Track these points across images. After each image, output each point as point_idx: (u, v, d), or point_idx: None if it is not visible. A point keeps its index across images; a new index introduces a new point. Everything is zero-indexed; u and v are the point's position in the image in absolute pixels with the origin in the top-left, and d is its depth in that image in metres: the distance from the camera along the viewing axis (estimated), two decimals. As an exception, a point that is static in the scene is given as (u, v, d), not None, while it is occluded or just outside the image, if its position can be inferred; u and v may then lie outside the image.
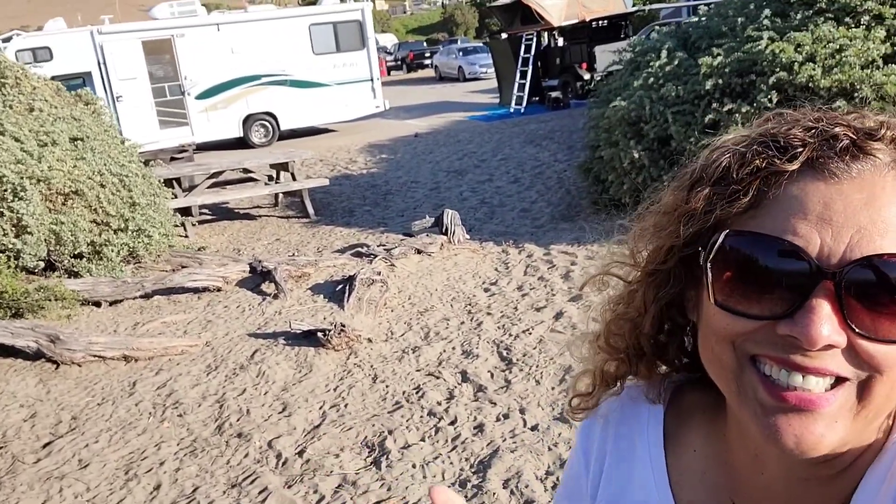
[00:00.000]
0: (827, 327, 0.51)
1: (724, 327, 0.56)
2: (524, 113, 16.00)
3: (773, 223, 0.54)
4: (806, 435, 0.53)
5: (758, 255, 0.55)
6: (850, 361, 0.53)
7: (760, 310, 0.54)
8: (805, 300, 0.52)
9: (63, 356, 4.86)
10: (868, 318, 0.52)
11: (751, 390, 0.55)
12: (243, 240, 8.51)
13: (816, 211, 0.53)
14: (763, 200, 0.56)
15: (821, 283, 0.51)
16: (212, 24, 15.38)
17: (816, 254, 0.52)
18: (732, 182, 0.57)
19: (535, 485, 3.25)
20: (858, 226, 0.52)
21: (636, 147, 6.60)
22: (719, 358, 0.58)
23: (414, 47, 40.51)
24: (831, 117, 0.59)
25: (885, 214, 0.52)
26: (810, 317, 0.51)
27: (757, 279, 0.54)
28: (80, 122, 7.48)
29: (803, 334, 0.51)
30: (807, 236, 0.52)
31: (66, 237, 6.12)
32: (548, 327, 4.98)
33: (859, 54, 5.63)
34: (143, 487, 3.55)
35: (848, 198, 0.53)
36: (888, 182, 0.54)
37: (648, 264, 0.65)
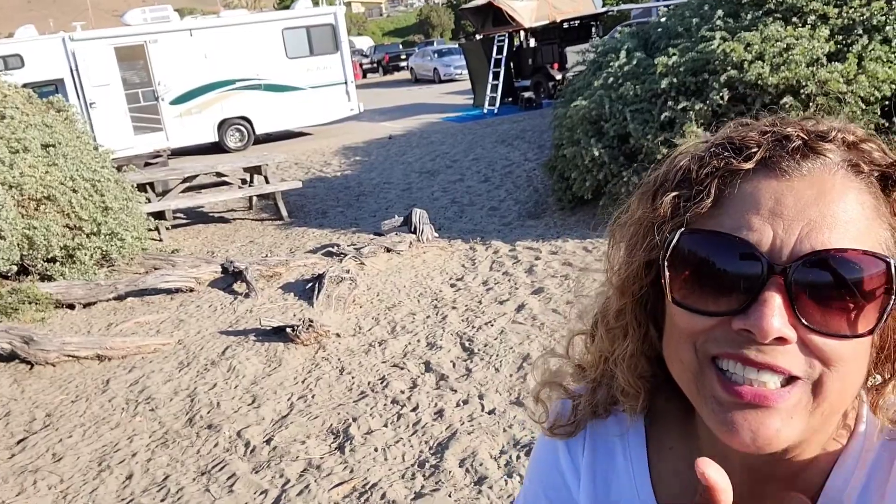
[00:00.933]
0: (778, 320, 0.52)
1: (684, 326, 0.58)
2: (497, 113, 16.22)
3: (730, 220, 0.56)
4: (762, 430, 0.54)
5: (712, 252, 0.56)
6: (803, 358, 0.54)
7: (716, 306, 0.55)
8: (758, 294, 0.53)
9: (37, 357, 4.98)
10: (818, 313, 0.53)
11: (709, 388, 0.56)
12: (217, 242, 8.62)
13: (769, 206, 0.55)
14: (723, 199, 0.57)
15: (772, 278, 0.53)
16: (185, 30, 15.44)
17: (768, 248, 0.54)
18: (694, 183, 0.59)
19: (489, 463, 3.43)
20: (808, 219, 0.54)
21: (597, 145, 6.82)
22: (681, 358, 0.59)
23: (389, 49, 40.64)
24: (786, 122, 0.61)
25: (834, 209, 0.54)
26: (762, 310, 0.52)
27: (712, 276, 0.56)
28: (52, 129, 7.57)
29: (755, 326, 0.52)
30: (759, 230, 0.54)
31: (39, 241, 6.22)
32: (510, 319, 5.18)
33: (805, 53, 5.89)
34: (116, 477, 3.68)
35: (798, 193, 0.55)
36: (837, 180, 0.56)
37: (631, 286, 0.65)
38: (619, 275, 0.67)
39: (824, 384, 0.54)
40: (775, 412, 0.54)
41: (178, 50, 15.08)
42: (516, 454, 3.48)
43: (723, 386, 0.55)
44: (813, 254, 0.53)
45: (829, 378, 0.54)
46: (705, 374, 0.57)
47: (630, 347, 0.68)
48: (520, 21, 15.91)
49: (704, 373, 0.57)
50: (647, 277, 0.64)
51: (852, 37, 6.02)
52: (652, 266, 0.62)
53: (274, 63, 15.88)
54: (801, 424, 0.55)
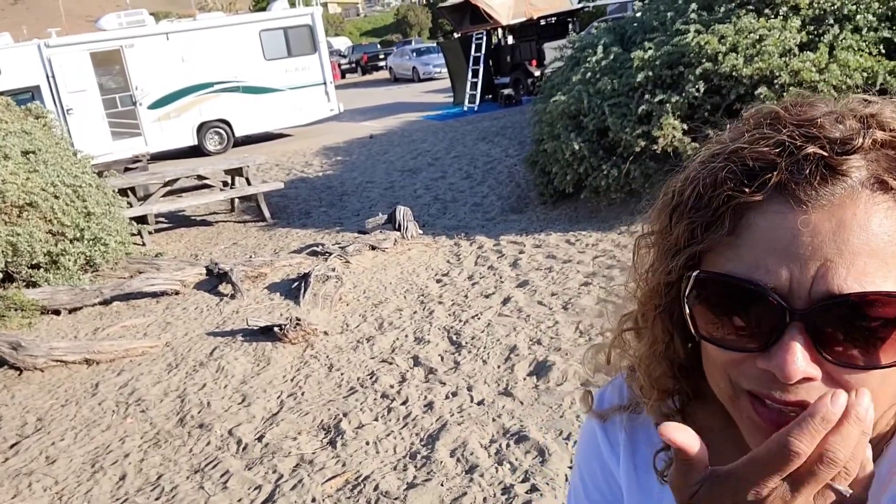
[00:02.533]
0: (801, 362, 0.51)
1: (715, 356, 0.58)
2: (477, 111, 16.31)
3: (747, 255, 0.54)
4: None
5: (730, 294, 0.55)
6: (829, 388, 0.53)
7: (741, 343, 0.55)
8: (779, 337, 0.52)
9: (25, 362, 4.97)
10: (841, 349, 0.52)
11: (745, 411, 0.56)
12: (200, 245, 8.62)
13: (784, 244, 0.53)
14: (739, 228, 0.55)
15: (791, 323, 0.52)
16: (161, 34, 15.36)
17: (786, 291, 0.52)
18: (708, 210, 0.57)
19: (480, 452, 3.50)
20: (825, 258, 0.51)
21: (576, 139, 6.91)
22: (717, 383, 0.59)
23: (368, 49, 40.58)
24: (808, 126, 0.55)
25: (854, 242, 0.51)
26: (783, 355, 0.52)
27: (732, 316, 0.55)
28: (32, 136, 7.53)
29: (779, 370, 0.52)
30: (775, 272, 0.52)
31: (22, 248, 6.20)
32: (496, 312, 5.25)
33: (777, 43, 6.01)
34: (110, 478, 3.70)
35: (816, 228, 0.52)
36: (859, 206, 0.52)
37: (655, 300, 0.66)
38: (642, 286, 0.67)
39: None
40: None
41: (155, 54, 15.01)
42: (506, 442, 3.55)
43: (757, 412, 0.55)
44: (828, 298, 0.51)
45: None
46: (740, 400, 0.57)
47: (647, 351, 0.68)
48: (497, 18, 16.00)
49: (740, 398, 0.57)
50: (667, 296, 0.63)
51: (823, 26, 6.15)
52: (672, 286, 0.62)
53: (252, 65, 15.84)
54: None
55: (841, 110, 0.56)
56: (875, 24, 5.93)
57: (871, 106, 0.57)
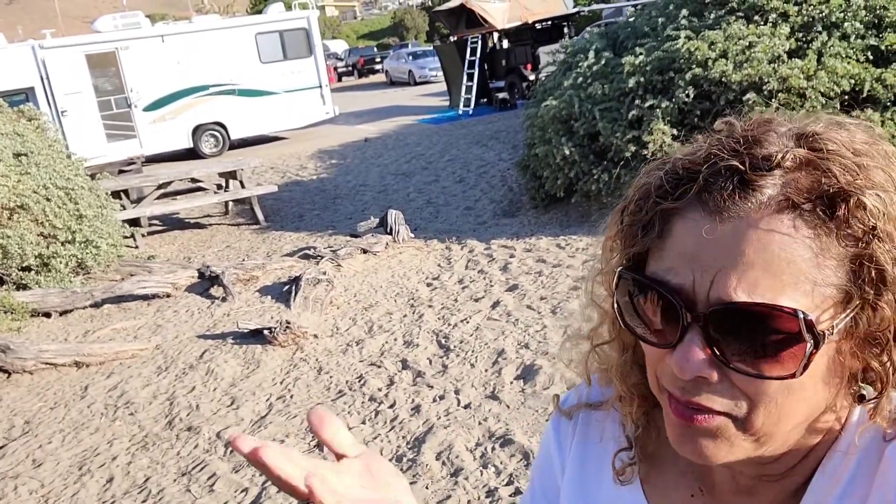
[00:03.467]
0: (696, 362, 0.55)
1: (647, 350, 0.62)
2: (472, 114, 16.33)
3: (667, 258, 0.58)
4: (698, 448, 0.58)
5: (646, 293, 0.59)
6: (728, 395, 0.56)
7: (656, 339, 0.59)
8: (682, 336, 0.56)
9: (14, 365, 4.98)
10: (738, 355, 0.55)
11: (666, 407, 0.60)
12: (194, 248, 8.63)
13: (691, 250, 0.56)
14: (664, 232, 0.59)
15: (691, 322, 0.55)
16: (156, 36, 15.37)
17: (690, 293, 0.56)
18: (644, 214, 0.61)
19: (465, 455, 3.52)
20: (722, 265, 0.54)
21: (567, 144, 6.94)
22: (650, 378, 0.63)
23: (364, 52, 40.61)
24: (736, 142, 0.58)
25: (749, 255, 0.53)
26: (681, 352, 0.56)
27: (646, 314, 0.59)
28: (24, 138, 7.54)
29: (675, 366, 0.56)
30: (682, 275, 0.56)
31: (13, 250, 6.20)
32: (485, 316, 5.27)
33: (766, 50, 6.05)
34: (97, 481, 3.72)
35: (720, 238, 0.55)
36: (762, 222, 0.54)
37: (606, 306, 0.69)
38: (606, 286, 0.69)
39: (751, 419, 0.56)
40: (704, 433, 0.57)
41: (151, 56, 15.01)
42: (491, 446, 3.57)
43: (671, 405, 0.59)
44: (720, 304, 0.54)
45: (756, 413, 0.56)
46: (663, 397, 0.61)
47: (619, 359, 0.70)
48: (492, 23, 16.04)
49: (662, 394, 0.61)
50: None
51: (812, 34, 6.19)
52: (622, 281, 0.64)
53: (248, 68, 15.86)
54: (736, 448, 0.57)
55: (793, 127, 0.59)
56: (862, 31, 5.97)
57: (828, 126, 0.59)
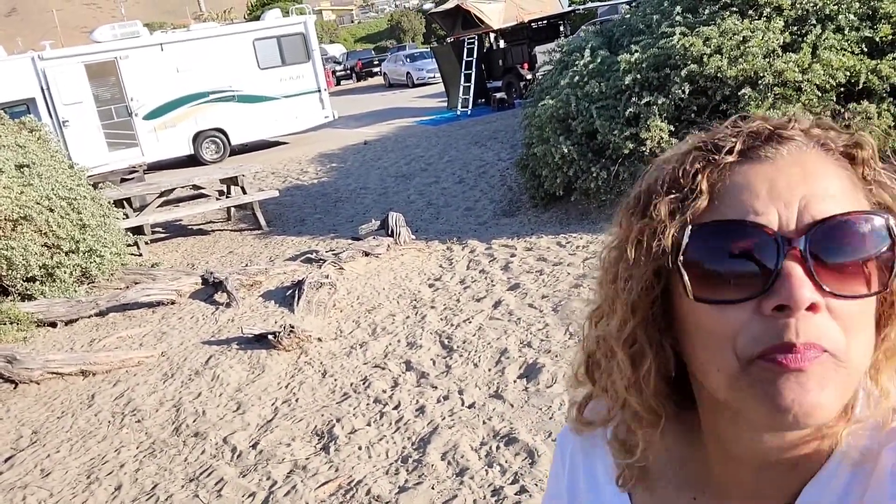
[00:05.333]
0: (807, 288, 0.54)
1: (717, 327, 0.58)
2: (471, 115, 16.36)
3: (732, 210, 0.58)
4: (804, 397, 0.55)
5: (725, 242, 0.58)
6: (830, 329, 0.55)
7: (742, 293, 0.56)
8: (779, 271, 0.55)
9: (21, 375, 5.02)
10: (835, 279, 0.55)
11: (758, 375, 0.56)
12: (197, 255, 8.67)
13: (765, 189, 0.58)
14: (717, 194, 0.59)
15: (789, 252, 0.55)
16: (155, 45, 15.43)
17: (777, 226, 0.56)
18: (683, 185, 0.61)
19: (470, 454, 3.55)
20: (802, 194, 0.57)
21: (565, 142, 6.97)
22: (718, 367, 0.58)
23: (362, 56, 40.63)
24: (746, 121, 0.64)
25: (822, 182, 0.58)
26: (789, 281, 0.54)
27: (731, 265, 0.57)
28: (26, 149, 7.59)
29: (788, 298, 0.54)
30: (764, 212, 0.57)
31: (17, 262, 6.25)
32: (487, 316, 5.30)
33: (761, 45, 6.07)
34: (105, 489, 3.75)
35: (787, 173, 0.58)
36: (813, 157, 0.60)
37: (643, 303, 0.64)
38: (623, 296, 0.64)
39: (848, 352, 0.56)
40: (812, 377, 0.55)
41: (150, 65, 15.08)
42: (496, 445, 3.60)
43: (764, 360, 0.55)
44: (819, 222, 0.56)
45: (851, 345, 0.56)
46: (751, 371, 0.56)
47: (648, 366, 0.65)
48: (488, 23, 16.06)
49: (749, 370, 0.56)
50: (657, 288, 0.63)
51: (806, 27, 6.21)
52: (660, 275, 0.62)
53: (246, 74, 15.92)
54: (835, 390, 0.56)
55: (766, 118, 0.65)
56: (856, 23, 5.99)
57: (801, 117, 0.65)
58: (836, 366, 0.55)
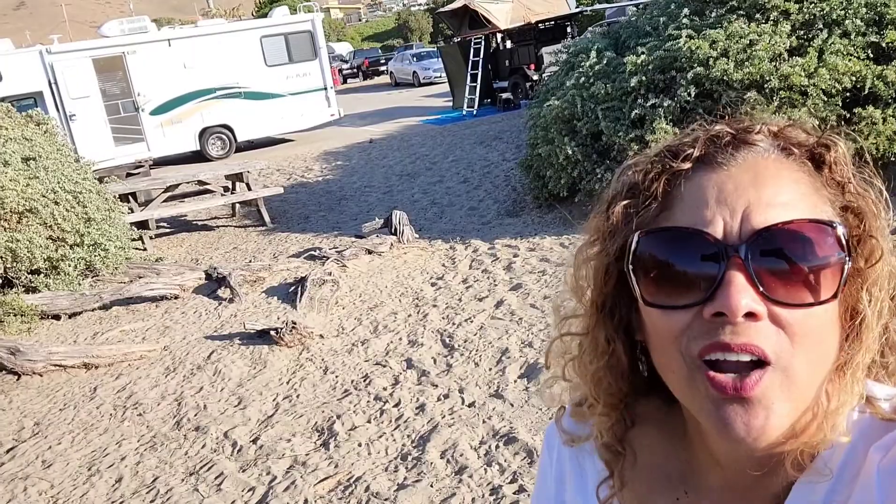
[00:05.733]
0: (745, 297, 0.55)
1: (664, 328, 0.59)
2: (476, 115, 16.37)
3: (682, 216, 0.59)
4: (752, 421, 0.56)
5: (671, 248, 0.59)
6: (773, 337, 0.56)
7: (686, 299, 0.57)
8: (721, 278, 0.56)
9: (24, 367, 5.04)
10: (780, 286, 0.56)
11: (701, 390, 0.57)
12: (201, 250, 8.69)
13: (713, 196, 0.58)
14: (670, 200, 0.61)
15: (730, 260, 0.56)
16: (163, 40, 15.47)
17: (721, 234, 0.57)
18: (641, 190, 0.63)
19: (469, 453, 3.55)
20: (748, 200, 0.57)
21: (570, 143, 6.97)
22: (672, 368, 0.60)
23: (369, 54, 40.66)
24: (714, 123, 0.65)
25: (771, 188, 0.58)
26: (728, 289, 0.55)
27: (676, 271, 0.58)
28: (32, 143, 7.62)
29: (725, 306, 0.55)
30: (710, 219, 0.57)
31: (22, 254, 6.27)
32: (489, 315, 5.31)
33: (767, 48, 6.06)
34: (106, 481, 3.77)
35: (737, 179, 0.58)
36: (770, 163, 0.60)
37: (595, 297, 0.68)
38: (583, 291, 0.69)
39: (794, 366, 0.56)
40: (757, 402, 0.55)
41: (157, 60, 15.12)
42: (495, 444, 3.61)
43: (711, 383, 0.56)
44: (762, 230, 0.56)
45: (797, 359, 0.56)
46: (696, 379, 0.58)
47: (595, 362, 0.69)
48: (495, 23, 16.06)
49: (695, 377, 0.58)
50: (606, 286, 0.66)
51: (813, 31, 6.20)
52: (609, 273, 0.65)
53: (253, 71, 15.95)
54: (784, 411, 0.56)
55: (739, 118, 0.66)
56: (863, 28, 5.98)
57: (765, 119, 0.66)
58: (781, 381, 0.56)
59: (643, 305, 0.61)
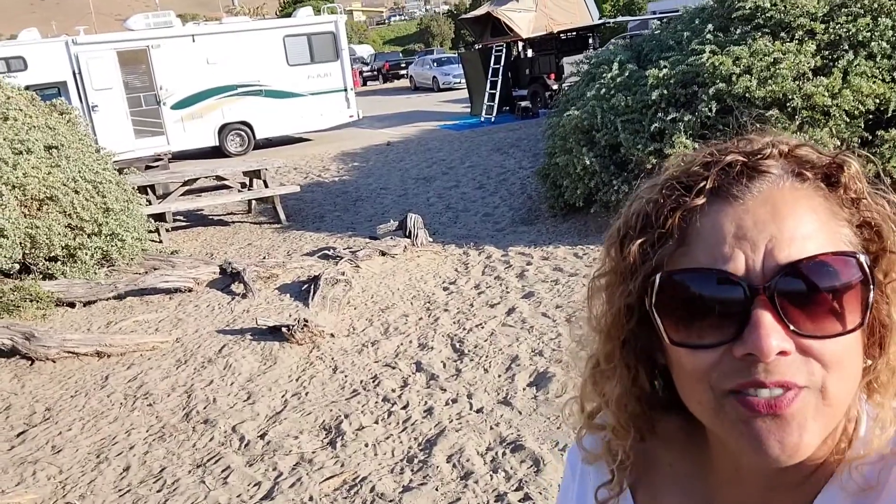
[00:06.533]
0: (775, 337, 0.54)
1: (692, 366, 0.59)
2: (494, 122, 16.40)
3: (702, 255, 0.58)
4: (786, 438, 0.56)
5: (695, 288, 0.58)
6: (804, 366, 0.56)
7: (714, 338, 0.57)
8: (748, 318, 0.55)
9: (38, 353, 5.09)
10: (808, 320, 0.56)
11: (732, 414, 0.57)
12: (216, 244, 8.75)
13: (732, 232, 0.57)
14: (687, 237, 0.60)
15: (756, 299, 0.55)
16: (187, 36, 15.61)
17: (744, 271, 0.56)
18: (655, 227, 0.62)
19: (476, 459, 3.55)
20: (770, 235, 0.57)
21: (588, 154, 6.97)
22: (698, 399, 0.60)
23: (390, 58, 40.86)
24: (722, 149, 0.63)
25: (791, 221, 0.57)
26: (758, 331, 0.54)
27: (701, 311, 0.58)
28: (55, 131, 7.70)
29: (756, 348, 0.54)
30: (731, 257, 0.57)
31: (41, 241, 6.34)
32: (500, 322, 5.31)
33: (791, 67, 6.04)
34: (114, 469, 3.80)
35: (755, 214, 0.58)
36: (786, 193, 0.59)
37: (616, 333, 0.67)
38: (602, 322, 0.69)
39: (828, 388, 0.56)
40: (792, 419, 0.56)
41: (181, 55, 15.25)
42: (502, 451, 3.60)
43: (742, 404, 0.57)
44: (786, 267, 0.55)
45: (831, 381, 0.56)
46: (724, 406, 0.58)
47: (618, 389, 0.69)
48: (517, 32, 16.10)
49: (724, 406, 0.58)
50: (628, 323, 0.66)
51: (838, 52, 6.17)
52: (632, 311, 0.65)
53: (275, 69, 16.06)
54: (817, 429, 0.57)
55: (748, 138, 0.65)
56: (889, 51, 5.95)
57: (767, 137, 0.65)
58: (816, 402, 0.56)
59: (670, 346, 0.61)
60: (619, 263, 0.65)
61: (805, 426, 0.56)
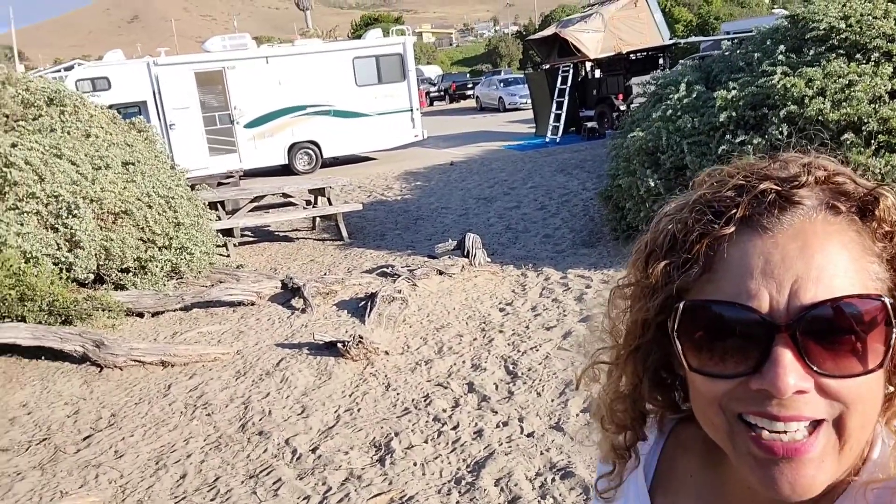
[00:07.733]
0: (793, 376, 0.54)
1: (706, 391, 0.60)
2: (559, 143, 16.32)
3: (727, 285, 0.58)
4: (799, 480, 0.56)
5: (717, 319, 0.58)
6: (822, 402, 0.56)
7: (732, 368, 0.57)
8: (768, 354, 0.55)
9: (106, 360, 5.31)
10: (828, 359, 0.55)
11: (744, 446, 0.58)
12: (280, 260, 8.96)
13: (759, 267, 0.57)
14: (713, 264, 0.59)
15: (777, 337, 0.55)
16: (261, 57, 16.15)
17: (768, 308, 0.56)
18: (682, 251, 0.61)
19: (524, 484, 3.50)
20: (797, 274, 0.56)
21: (652, 176, 6.84)
22: (711, 420, 0.61)
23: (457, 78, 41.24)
24: (758, 172, 0.62)
25: (820, 258, 0.56)
26: (775, 370, 0.55)
27: (721, 341, 0.58)
28: (133, 148, 8.08)
29: (772, 386, 0.55)
30: (756, 293, 0.56)
31: (114, 253, 6.63)
32: (555, 345, 5.24)
33: (867, 89, 5.80)
34: (171, 476, 3.91)
35: (784, 249, 0.57)
36: (818, 227, 0.58)
37: (630, 341, 0.69)
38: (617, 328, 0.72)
39: (846, 423, 0.56)
40: (808, 461, 0.56)
41: (254, 76, 15.78)
42: (552, 477, 3.54)
43: (756, 443, 0.57)
44: (810, 307, 0.55)
45: (849, 416, 0.56)
46: (737, 434, 0.58)
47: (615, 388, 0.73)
48: (585, 52, 16.02)
49: (736, 432, 0.59)
50: (643, 336, 0.67)
51: (919, 74, 5.90)
52: (647, 326, 0.66)
53: (344, 90, 16.42)
54: (832, 466, 0.57)
55: (784, 160, 0.64)
56: (975, 72, 5.65)
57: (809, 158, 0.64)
58: (833, 441, 0.57)
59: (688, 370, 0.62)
60: (642, 279, 0.66)
61: (821, 466, 0.57)
